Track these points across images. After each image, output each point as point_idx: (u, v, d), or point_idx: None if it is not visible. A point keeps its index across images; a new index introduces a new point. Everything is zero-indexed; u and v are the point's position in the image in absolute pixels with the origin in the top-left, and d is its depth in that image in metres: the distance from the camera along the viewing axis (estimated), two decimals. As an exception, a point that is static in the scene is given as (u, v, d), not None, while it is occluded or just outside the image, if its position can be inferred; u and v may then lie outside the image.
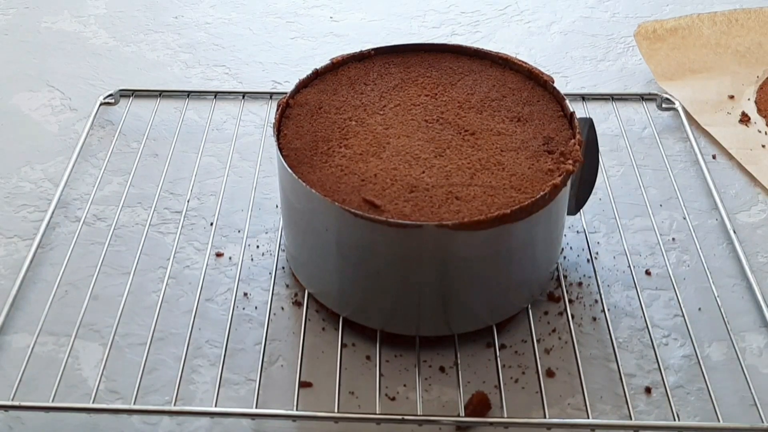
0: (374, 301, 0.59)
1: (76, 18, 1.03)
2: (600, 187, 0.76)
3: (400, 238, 0.55)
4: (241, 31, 1.01)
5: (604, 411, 0.57)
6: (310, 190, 0.56)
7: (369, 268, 0.57)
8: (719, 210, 0.73)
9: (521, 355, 0.61)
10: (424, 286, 0.57)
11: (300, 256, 0.63)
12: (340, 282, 0.60)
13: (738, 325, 0.63)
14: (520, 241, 0.57)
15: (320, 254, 0.59)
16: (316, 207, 0.57)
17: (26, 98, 0.89)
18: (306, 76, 0.67)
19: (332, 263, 0.59)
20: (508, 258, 0.58)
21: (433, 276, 0.57)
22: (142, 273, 0.67)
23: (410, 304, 0.58)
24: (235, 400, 0.58)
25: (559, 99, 0.64)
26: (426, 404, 0.58)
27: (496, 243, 0.56)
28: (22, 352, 0.60)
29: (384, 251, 0.56)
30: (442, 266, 0.56)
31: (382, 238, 0.55)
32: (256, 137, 0.81)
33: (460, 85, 0.67)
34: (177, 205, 0.74)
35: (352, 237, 0.56)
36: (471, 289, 0.58)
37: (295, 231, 0.62)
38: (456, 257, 0.56)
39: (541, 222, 0.58)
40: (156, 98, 0.86)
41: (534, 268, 0.61)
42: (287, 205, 0.61)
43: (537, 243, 0.59)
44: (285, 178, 0.59)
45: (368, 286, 0.59)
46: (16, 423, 0.57)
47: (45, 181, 0.77)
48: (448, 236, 0.54)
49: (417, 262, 0.56)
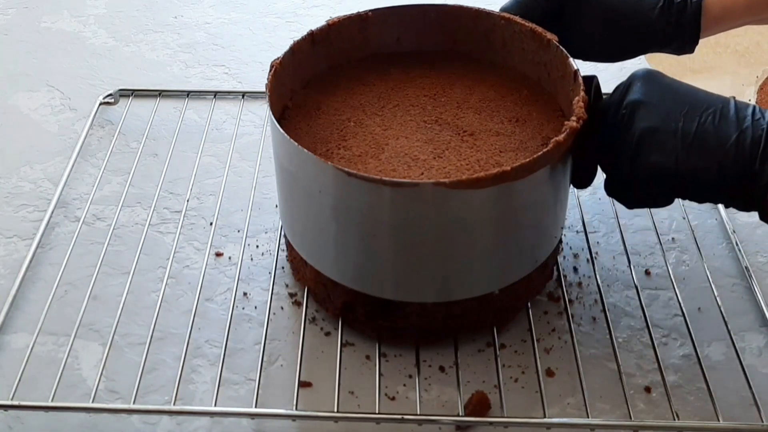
0: (372, 266, 0.57)
1: (76, 18, 1.03)
2: (600, 186, 0.76)
3: (396, 199, 0.53)
4: (241, 31, 1.01)
5: (604, 410, 0.57)
6: (302, 150, 0.54)
7: (365, 232, 0.56)
8: (719, 209, 0.73)
9: (521, 355, 0.61)
10: (422, 250, 0.55)
11: (296, 223, 0.61)
12: (336, 248, 0.58)
13: (737, 324, 0.63)
14: (521, 202, 0.55)
15: (315, 219, 0.58)
16: (309, 168, 0.55)
17: (26, 98, 0.89)
18: (301, 37, 0.64)
19: (328, 228, 0.57)
20: (508, 220, 0.55)
21: (431, 239, 0.55)
22: (142, 273, 0.67)
23: (409, 269, 0.57)
24: (234, 400, 0.58)
25: (563, 57, 0.62)
26: (426, 404, 0.58)
27: (496, 204, 0.54)
28: (22, 351, 0.60)
29: (380, 213, 0.54)
30: (441, 229, 0.54)
31: (377, 198, 0.53)
32: (256, 137, 0.81)
33: (459, 86, 0.67)
34: (176, 204, 0.74)
35: (346, 198, 0.54)
36: (471, 254, 0.56)
37: (290, 196, 0.60)
38: (455, 219, 0.54)
39: (544, 182, 0.55)
40: (155, 98, 0.86)
41: (537, 233, 0.59)
42: (281, 170, 0.60)
43: (539, 205, 0.57)
44: (277, 140, 0.58)
45: (365, 250, 0.57)
46: (16, 423, 0.57)
47: (44, 180, 0.77)
48: (446, 196, 0.52)
49: (414, 224, 0.54)
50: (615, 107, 0.55)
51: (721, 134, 0.52)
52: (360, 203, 0.54)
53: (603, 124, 0.56)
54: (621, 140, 0.54)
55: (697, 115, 0.53)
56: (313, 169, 0.55)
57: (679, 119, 0.53)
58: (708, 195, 0.53)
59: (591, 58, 0.66)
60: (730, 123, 0.52)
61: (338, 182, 0.53)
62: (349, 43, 0.68)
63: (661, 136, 0.52)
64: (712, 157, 0.51)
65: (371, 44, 0.69)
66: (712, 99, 0.54)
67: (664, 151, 0.52)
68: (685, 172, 0.52)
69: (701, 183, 0.52)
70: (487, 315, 0.61)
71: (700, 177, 0.52)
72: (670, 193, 0.55)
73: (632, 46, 0.65)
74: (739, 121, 0.52)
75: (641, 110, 0.53)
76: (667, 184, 0.53)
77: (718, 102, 0.53)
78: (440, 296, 0.58)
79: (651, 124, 0.53)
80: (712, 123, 0.52)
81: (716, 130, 0.52)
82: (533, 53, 0.65)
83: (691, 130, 0.52)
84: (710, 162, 0.51)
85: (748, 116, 0.52)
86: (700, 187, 0.53)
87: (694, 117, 0.53)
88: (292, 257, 0.67)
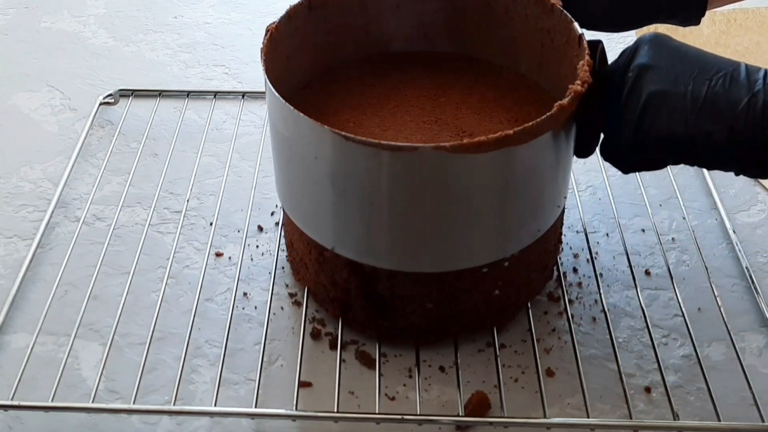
0: (370, 235, 0.56)
1: (76, 18, 1.03)
2: (600, 187, 0.76)
3: (395, 164, 0.51)
4: (241, 31, 1.01)
5: (604, 411, 0.57)
6: (298, 113, 0.53)
7: (363, 199, 0.54)
8: (719, 210, 0.73)
9: (521, 355, 0.61)
10: (422, 217, 0.54)
11: (292, 192, 0.59)
12: (333, 216, 0.56)
13: (737, 324, 0.63)
14: (524, 168, 0.53)
15: (312, 187, 0.56)
16: (306, 133, 0.53)
17: (26, 98, 0.89)
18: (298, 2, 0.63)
19: (324, 196, 0.55)
20: (510, 187, 0.54)
21: (431, 206, 0.53)
22: (142, 273, 0.67)
23: (408, 237, 0.55)
24: (234, 400, 0.58)
25: (567, 22, 0.61)
26: (426, 404, 0.58)
27: (497, 169, 0.52)
28: (22, 351, 0.60)
29: (378, 179, 0.52)
30: (441, 195, 0.53)
31: (376, 163, 0.51)
32: (256, 137, 0.81)
33: (458, 86, 0.67)
34: (176, 204, 0.74)
35: (343, 164, 0.53)
36: (472, 221, 0.54)
37: (286, 165, 0.58)
38: (455, 185, 0.52)
39: (547, 148, 0.53)
40: (155, 98, 0.86)
41: (539, 201, 0.57)
42: (277, 137, 0.58)
43: (542, 172, 0.55)
44: (273, 105, 0.56)
45: (363, 218, 0.55)
46: (16, 423, 0.57)
47: (44, 180, 0.77)
48: (447, 161, 0.51)
49: (413, 190, 0.52)
50: (621, 72, 0.54)
51: (731, 98, 0.50)
52: (358, 169, 0.52)
53: (608, 88, 0.54)
54: (626, 104, 0.52)
55: (706, 78, 0.51)
56: (309, 134, 0.53)
57: (688, 82, 0.51)
58: (717, 160, 0.52)
59: (595, 27, 0.64)
60: (741, 86, 0.50)
61: (335, 147, 0.52)
62: (346, 10, 0.66)
63: (670, 100, 0.51)
64: (722, 121, 0.50)
65: (369, 10, 0.67)
66: (722, 62, 0.52)
67: (674, 114, 0.51)
68: (695, 137, 0.51)
69: (711, 147, 0.51)
70: (487, 315, 0.61)
71: (711, 141, 0.51)
72: (676, 158, 0.53)
73: (638, 16, 0.64)
74: (750, 85, 0.50)
75: (649, 74, 0.52)
76: (675, 149, 0.52)
77: (729, 65, 0.52)
78: (440, 266, 0.57)
79: (659, 88, 0.51)
80: (723, 86, 0.51)
81: (727, 94, 0.50)
82: (536, 19, 0.64)
83: (701, 93, 0.51)
84: (721, 126, 0.50)
85: (759, 80, 0.51)
86: (709, 151, 0.51)
87: (704, 80, 0.51)
88: (292, 257, 0.67)
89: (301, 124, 0.53)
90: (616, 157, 0.55)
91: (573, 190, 0.74)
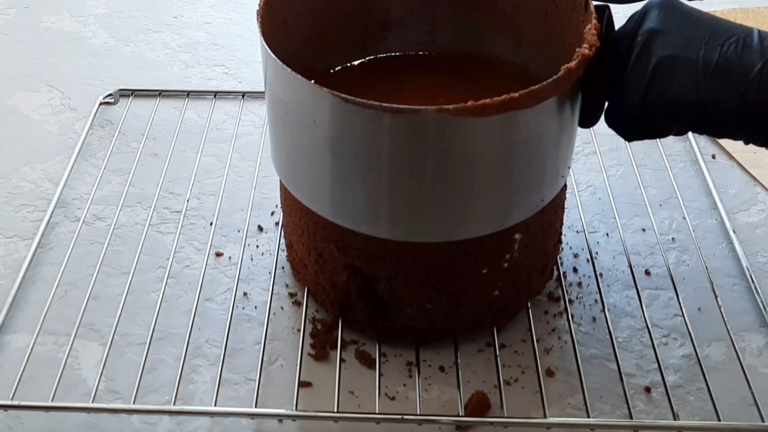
0: (369, 203, 0.54)
1: (76, 18, 1.03)
2: (599, 186, 0.76)
3: (396, 127, 0.50)
4: (240, 30, 1.01)
5: (604, 411, 0.57)
6: (295, 75, 0.51)
7: (362, 165, 0.52)
8: (719, 210, 0.73)
9: (521, 355, 0.61)
10: (423, 184, 0.52)
11: (288, 160, 0.57)
12: (331, 184, 0.54)
13: (738, 324, 0.63)
14: (528, 133, 0.52)
15: (309, 154, 0.54)
16: (304, 95, 0.52)
17: (26, 98, 0.89)
18: None
19: (323, 163, 0.54)
20: (514, 153, 0.52)
21: (433, 173, 0.52)
22: (142, 273, 0.67)
23: (408, 205, 0.53)
24: (234, 400, 0.58)
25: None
26: (426, 404, 0.58)
27: (501, 134, 0.51)
28: (22, 351, 0.60)
29: (378, 144, 0.51)
30: (443, 161, 0.51)
31: (376, 127, 0.50)
32: (256, 137, 0.81)
33: (457, 87, 0.66)
34: (176, 204, 0.74)
35: (343, 128, 0.51)
36: (474, 189, 0.53)
37: (282, 131, 0.56)
38: (458, 150, 0.51)
39: (552, 113, 0.52)
40: (155, 98, 0.86)
41: (543, 169, 0.55)
42: (273, 102, 0.56)
43: (546, 139, 0.53)
44: (270, 68, 0.55)
45: (362, 186, 0.53)
46: (16, 423, 0.57)
47: (45, 180, 0.77)
48: (450, 124, 0.49)
49: (415, 156, 0.51)
50: (629, 37, 0.52)
51: (744, 63, 0.49)
52: (357, 133, 0.51)
53: (615, 54, 0.53)
54: (635, 69, 0.51)
55: (718, 43, 0.50)
56: (307, 97, 0.51)
57: (699, 47, 0.50)
58: (726, 128, 0.51)
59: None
60: (753, 52, 0.49)
61: (335, 110, 0.50)
62: None
63: (680, 65, 0.50)
64: (734, 88, 0.49)
65: None
66: (735, 28, 0.51)
67: (684, 80, 0.50)
68: (705, 103, 0.49)
69: (721, 115, 0.50)
70: (487, 315, 0.61)
71: (721, 108, 0.49)
72: (683, 126, 0.52)
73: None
74: (763, 51, 0.49)
75: (659, 38, 0.51)
76: (684, 116, 0.51)
77: (741, 31, 0.50)
78: (440, 236, 0.55)
79: (669, 53, 0.50)
80: (735, 52, 0.49)
81: (739, 60, 0.49)
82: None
83: (713, 58, 0.49)
84: (732, 92, 0.49)
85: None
86: (719, 119, 0.50)
87: (716, 45, 0.50)
88: (292, 257, 0.67)
89: (299, 87, 0.51)
90: (621, 124, 0.54)
91: (573, 190, 0.74)
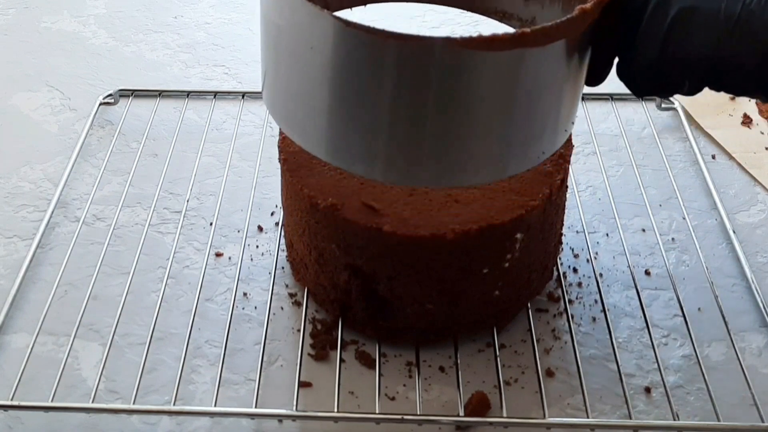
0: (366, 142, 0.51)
1: (76, 18, 1.03)
2: (599, 187, 0.76)
3: (400, 57, 0.47)
4: (240, 31, 1.01)
5: (604, 411, 0.57)
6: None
7: (361, 98, 0.49)
8: (719, 210, 0.73)
9: (521, 355, 0.61)
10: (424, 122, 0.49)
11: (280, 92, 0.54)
12: (326, 119, 0.51)
13: (738, 325, 0.63)
14: (535, 76, 0.49)
15: (304, 85, 0.51)
16: (301, 18, 0.48)
17: (26, 98, 0.89)
18: None
19: (318, 95, 0.50)
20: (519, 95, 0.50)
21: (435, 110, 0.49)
22: (142, 273, 0.67)
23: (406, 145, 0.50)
24: (234, 400, 0.58)
25: None
26: (426, 404, 0.58)
27: (508, 72, 0.48)
28: (22, 351, 0.60)
29: (380, 74, 0.48)
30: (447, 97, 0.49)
31: (378, 55, 0.47)
32: (256, 137, 0.81)
33: None
34: (176, 205, 0.74)
35: (342, 55, 0.48)
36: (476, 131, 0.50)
37: (275, 59, 0.53)
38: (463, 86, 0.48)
39: (561, 57, 0.50)
40: (155, 98, 0.86)
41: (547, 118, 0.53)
42: (267, 26, 0.53)
43: (552, 84, 0.51)
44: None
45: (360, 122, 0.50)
46: (16, 423, 0.57)
47: (44, 181, 0.77)
48: (457, 56, 0.47)
49: (418, 90, 0.48)
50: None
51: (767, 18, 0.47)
52: (358, 61, 0.48)
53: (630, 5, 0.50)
54: (652, 20, 0.49)
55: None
56: (305, 20, 0.48)
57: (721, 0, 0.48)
58: (744, 85, 0.49)
59: None
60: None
61: (335, 35, 0.47)
62: None
63: (701, 17, 0.48)
64: (755, 43, 0.47)
65: None
66: None
67: (704, 33, 0.48)
68: (725, 59, 0.48)
69: (741, 71, 0.48)
70: (487, 315, 0.61)
71: (740, 65, 0.48)
72: (698, 81, 0.50)
73: None
74: None
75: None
76: (701, 71, 0.49)
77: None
78: (438, 181, 0.53)
79: (690, 3, 0.48)
80: (759, 5, 0.47)
81: (763, 13, 0.47)
82: None
83: (735, 11, 0.47)
84: (753, 48, 0.47)
85: None
86: (737, 76, 0.48)
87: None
88: (292, 257, 0.67)
89: (297, 8, 0.48)
90: (635, 79, 0.52)
91: (573, 190, 0.74)
